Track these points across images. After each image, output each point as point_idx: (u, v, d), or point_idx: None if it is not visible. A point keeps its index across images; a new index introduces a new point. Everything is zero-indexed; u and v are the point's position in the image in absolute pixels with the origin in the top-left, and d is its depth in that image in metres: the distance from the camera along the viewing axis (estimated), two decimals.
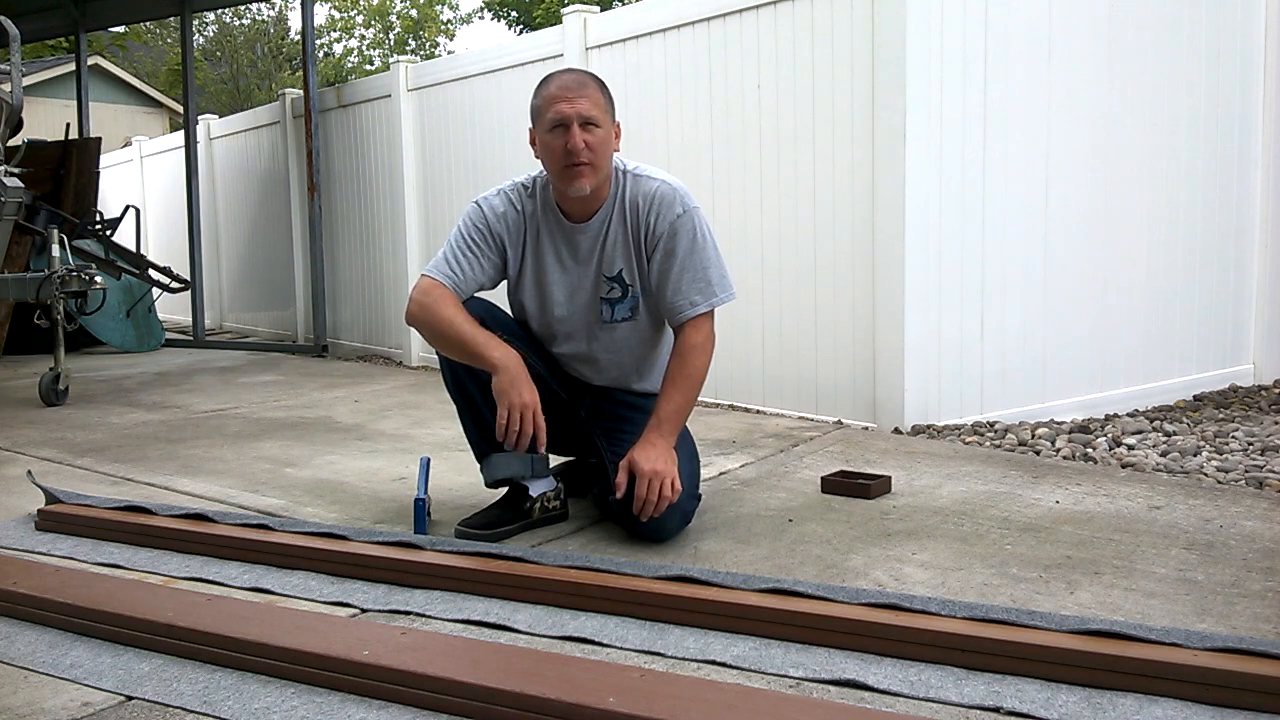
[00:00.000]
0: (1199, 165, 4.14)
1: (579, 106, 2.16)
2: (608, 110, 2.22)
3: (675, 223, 2.26)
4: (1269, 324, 4.39)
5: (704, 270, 2.27)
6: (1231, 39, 4.19)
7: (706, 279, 2.27)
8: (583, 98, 2.17)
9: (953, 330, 3.55)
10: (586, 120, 2.16)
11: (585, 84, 2.20)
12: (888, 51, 3.44)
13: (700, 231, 2.27)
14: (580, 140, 2.15)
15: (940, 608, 1.71)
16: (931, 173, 3.46)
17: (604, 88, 2.24)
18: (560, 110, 2.17)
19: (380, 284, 6.25)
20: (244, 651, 1.64)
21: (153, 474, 3.11)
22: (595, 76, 2.26)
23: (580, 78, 2.23)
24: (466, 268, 2.30)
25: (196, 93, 9.23)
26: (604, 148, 2.20)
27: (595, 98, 2.19)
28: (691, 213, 2.27)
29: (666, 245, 2.26)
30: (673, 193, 2.28)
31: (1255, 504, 2.50)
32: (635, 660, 1.66)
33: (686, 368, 2.25)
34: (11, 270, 5.19)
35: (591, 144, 2.17)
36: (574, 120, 2.16)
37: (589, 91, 2.19)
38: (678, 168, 4.23)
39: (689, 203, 2.28)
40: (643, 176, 2.30)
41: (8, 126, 4.66)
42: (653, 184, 2.28)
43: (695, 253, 2.26)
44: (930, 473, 2.87)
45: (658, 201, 2.27)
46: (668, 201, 2.27)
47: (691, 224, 2.26)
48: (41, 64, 15.45)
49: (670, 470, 2.14)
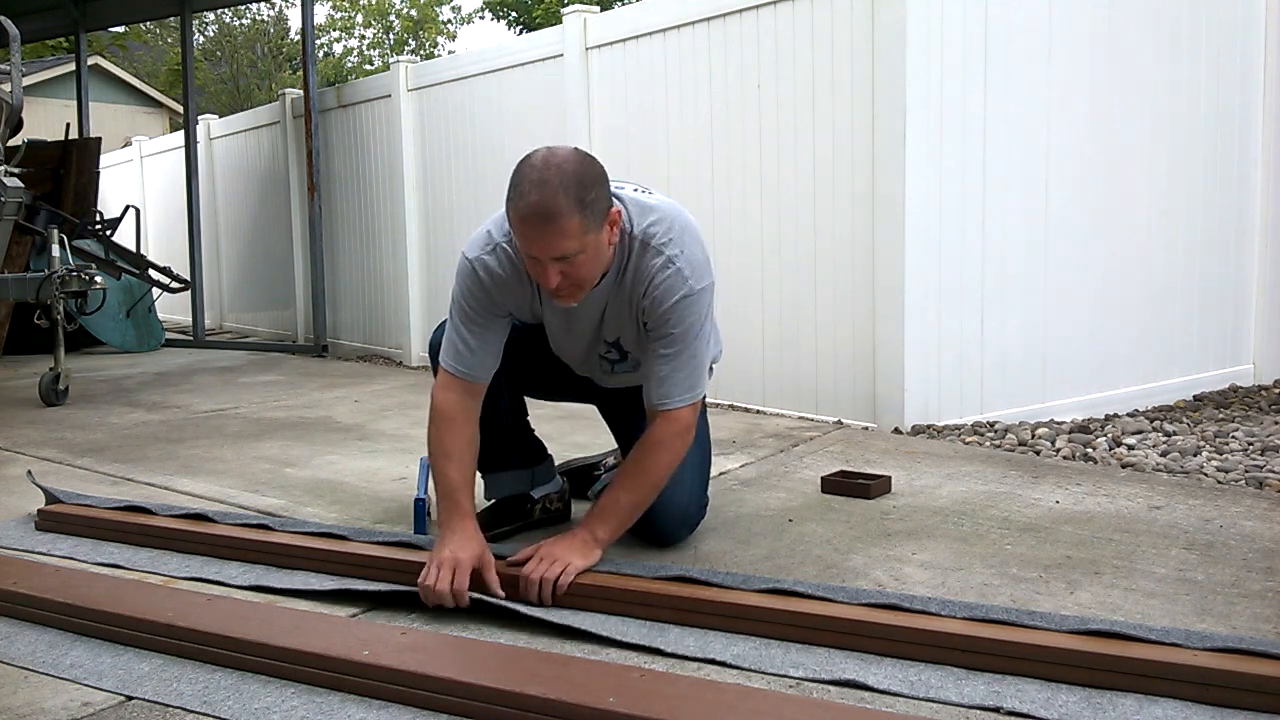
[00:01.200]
0: (1199, 165, 4.14)
1: (549, 248, 1.82)
2: (588, 226, 1.83)
3: (669, 311, 1.99)
4: (1269, 324, 4.39)
5: (692, 363, 2.03)
6: (1231, 38, 4.20)
7: (693, 374, 2.03)
8: (551, 236, 1.80)
9: (953, 330, 3.55)
10: (561, 257, 1.83)
11: (554, 215, 1.78)
12: (888, 51, 3.44)
13: (697, 323, 2.01)
14: (555, 279, 1.86)
15: (940, 608, 1.71)
16: (931, 172, 3.46)
17: (580, 200, 1.80)
18: (529, 250, 1.86)
19: (380, 284, 6.25)
20: (244, 651, 1.64)
21: (153, 474, 3.10)
22: (568, 186, 1.80)
23: (548, 205, 1.78)
24: (480, 351, 2.06)
25: (196, 93, 9.23)
26: (590, 267, 1.89)
27: (567, 227, 1.80)
28: (691, 299, 1.99)
29: (658, 330, 2.02)
30: (675, 279, 1.98)
31: (1255, 504, 2.50)
32: (635, 660, 1.66)
33: (646, 465, 2.02)
34: (11, 270, 5.19)
35: (571, 274, 1.87)
36: (546, 261, 1.84)
37: (559, 223, 1.79)
38: (677, 168, 4.25)
39: (692, 286, 1.99)
40: (651, 247, 1.98)
41: (8, 126, 4.65)
42: (657, 262, 1.98)
43: (688, 347, 2.01)
44: (930, 473, 2.87)
45: (656, 288, 1.99)
46: (668, 290, 1.98)
47: (686, 313, 1.99)
48: (41, 64, 15.45)
49: (571, 562, 1.90)
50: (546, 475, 2.42)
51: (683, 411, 2.02)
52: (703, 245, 2.04)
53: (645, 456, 2.03)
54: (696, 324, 2.01)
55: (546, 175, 1.80)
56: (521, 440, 2.40)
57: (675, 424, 2.02)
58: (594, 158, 1.90)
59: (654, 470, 2.02)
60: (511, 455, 2.34)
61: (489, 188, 5.35)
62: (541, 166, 1.82)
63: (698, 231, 2.06)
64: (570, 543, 1.95)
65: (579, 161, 1.84)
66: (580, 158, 1.85)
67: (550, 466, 2.45)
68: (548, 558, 1.91)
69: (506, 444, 2.32)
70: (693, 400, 2.04)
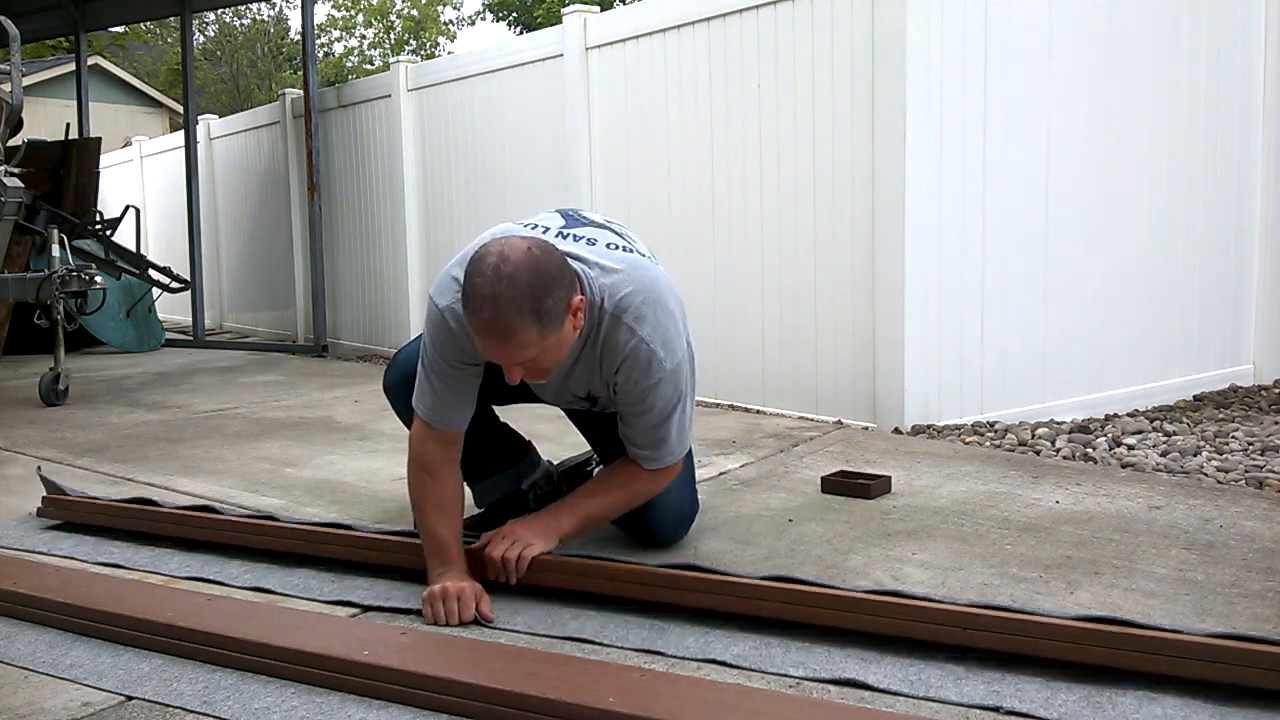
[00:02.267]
0: (1198, 164, 4.14)
1: (507, 358, 1.79)
2: (546, 333, 1.76)
3: (645, 392, 1.95)
4: (1269, 324, 4.39)
5: (676, 430, 2.02)
6: (1231, 38, 4.20)
7: (677, 439, 2.03)
8: (507, 349, 1.76)
9: (953, 330, 3.55)
10: (520, 361, 1.79)
11: (508, 332, 1.73)
12: (888, 51, 3.44)
13: (670, 400, 1.97)
14: (517, 376, 1.83)
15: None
16: (931, 172, 3.46)
17: (535, 312, 1.72)
18: (487, 357, 1.83)
19: (380, 284, 6.25)
20: (244, 651, 1.65)
21: (153, 474, 3.11)
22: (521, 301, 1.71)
23: (502, 323, 1.72)
24: (454, 402, 2.00)
25: (196, 93, 9.23)
26: (549, 358, 1.84)
27: (524, 340, 1.74)
28: (665, 381, 1.94)
29: (633, 406, 1.99)
30: (648, 360, 1.91)
31: (1255, 504, 2.50)
32: (635, 660, 1.66)
33: (634, 483, 2.06)
34: (11, 270, 5.18)
35: (532, 367, 1.83)
36: (506, 365, 1.81)
37: (515, 339, 1.74)
38: (677, 168, 4.25)
39: (665, 368, 1.93)
40: (623, 323, 1.90)
41: (8, 126, 4.66)
42: (630, 340, 1.90)
43: (669, 420, 1.99)
44: (930, 473, 2.87)
45: (628, 366, 1.93)
46: (641, 369, 1.92)
47: (662, 393, 1.95)
48: (41, 64, 15.45)
49: (532, 543, 1.93)
50: (531, 466, 2.39)
51: (665, 471, 2.08)
52: (676, 314, 1.97)
53: (629, 480, 2.08)
54: (674, 399, 1.98)
55: (499, 289, 1.70)
56: (499, 442, 2.35)
57: (655, 474, 2.08)
58: (550, 250, 1.80)
59: (637, 488, 2.08)
60: (492, 460, 2.31)
61: (489, 188, 5.35)
62: (493, 278, 1.71)
63: (671, 298, 1.97)
64: (533, 524, 1.99)
65: (532, 267, 1.73)
66: (534, 261, 1.73)
67: (533, 456, 2.42)
68: (509, 536, 1.95)
69: (485, 449, 2.27)
70: (671, 461, 2.07)
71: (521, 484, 2.36)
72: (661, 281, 1.98)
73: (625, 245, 2.02)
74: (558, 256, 1.81)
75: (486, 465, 2.31)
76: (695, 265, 4.14)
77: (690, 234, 4.18)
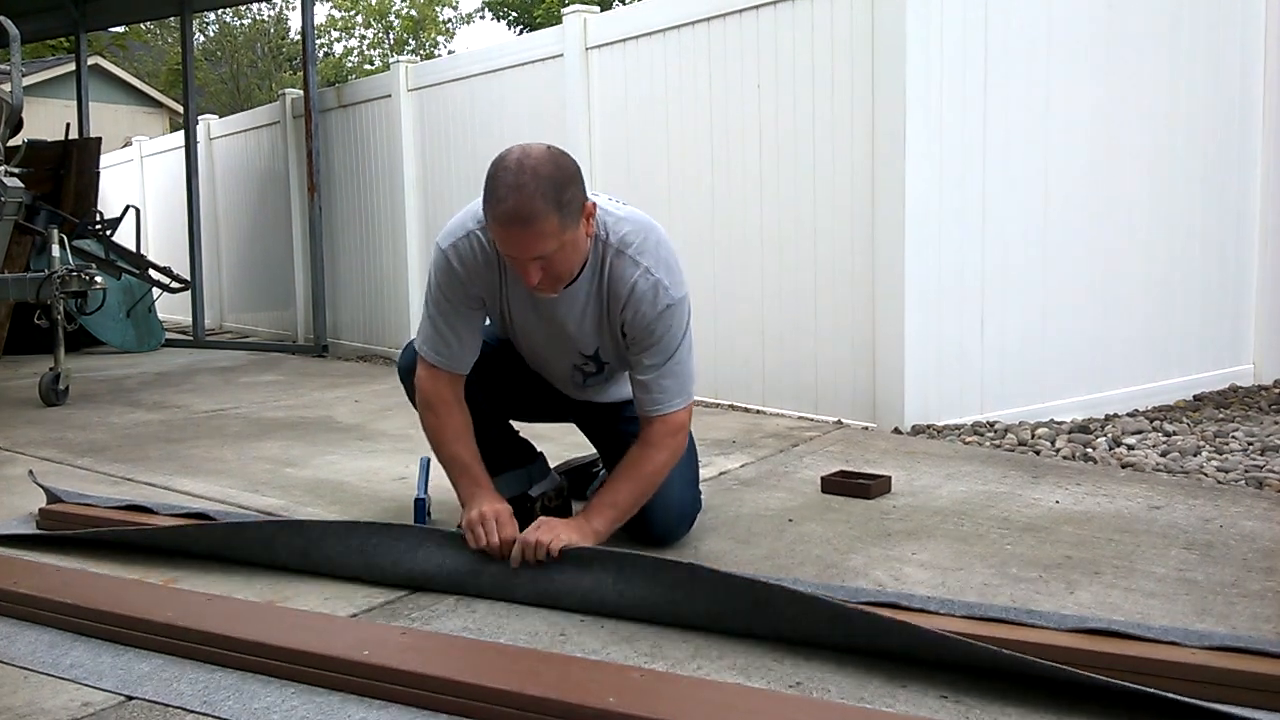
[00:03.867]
0: (1198, 164, 4.14)
1: (529, 249, 1.86)
2: (566, 225, 1.86)
3: (653, 322, 2.02)
4: (1269, 324, 4.39)
5: (680, 370, 2.06)
6: (1231, 38, 4.20)
7: (682, 379, 2.07)
8: (530, 238, 1.84)
9: (953, 330, 3.55)
10: (538, 256, 1.87)
11: (532, 218, 1.81)
12: (887, 51, 3.44)
13: (676, 332, 2.04)
14: (535, 276, 1.90)
15: (940, 607, 1.71)
16: (931, 172, 3.46)
17: (557, 201, 1.83)
18: (508, 252, 1.91)
19: (380, 284, 6.25)
20: (244, 651, 1.64)
21: (153, 474, 3.11)
22: (545, 189, 1.82)
23: (526, 209, 1.81)
24: (455, 343, 2.11)
25: (196, 93, 9.23)
26: (568, 261, 1.94)
27: (546, 228, 1.83)
28: (673, 308, 2.02)
29: (642, 342, 2.05)
30: (654, 289, 2.00)
31: (1255, 504, 2.50)
32: (635, 660, 1.66)
33: (642, 463, 2.07)
34: (11, 270, 5.18)
35: (549, 269, 1.91)
36: (525, 260, 1.89)
37: (537, 225, 1.82)
38: (677, 167, 4.25)
39: (672, 295, 2.02)
40: (626, 256, 2.01)
41: (8, 126, 4.66)
42: (634, 271, 2.00)
43: (674, 354, 2.05)
44: (930, 473, 2.87)
45: (636, 299, 2.01)
46: (648, 300, 2.01)
47: (669, 322, 2.03)
48: (41, 64, 15.45)
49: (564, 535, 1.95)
50: (542, 473, 2.42)
51: (677, 415, 2.08)
52: (676, 257, 2.07)
53: (640, 455, 2.08)
54: (679, 331, 2.05)
55: (522, 179, 1.82)
56: (509, 442, 2.40)
57: (669, 425, 2.08)
58: (567, 154, 1.91)
59: (649, 468, 2.07)
60: (504, 457, 2.33)
61: None
62: (516, 170, 1.83)
63: (670, 243, 2.08)
64: (568, 522, 2.02)
65: (553, 161, 1.85)
66: (554, 156, 1.86)
67: (544, 464, 2.45)
68: (545, 526, 1.98)
69: (496, 448, 2.30)
70: (684, 404, 2.09)
71: (531, 488, 2.36)
72: (660, 230, 2.09)
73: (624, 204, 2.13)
74: (574, 163, 1.91)
75: (498, 462, 2.30)
76: (695, 265, 4.14)
77: (690, 233, 4.18)
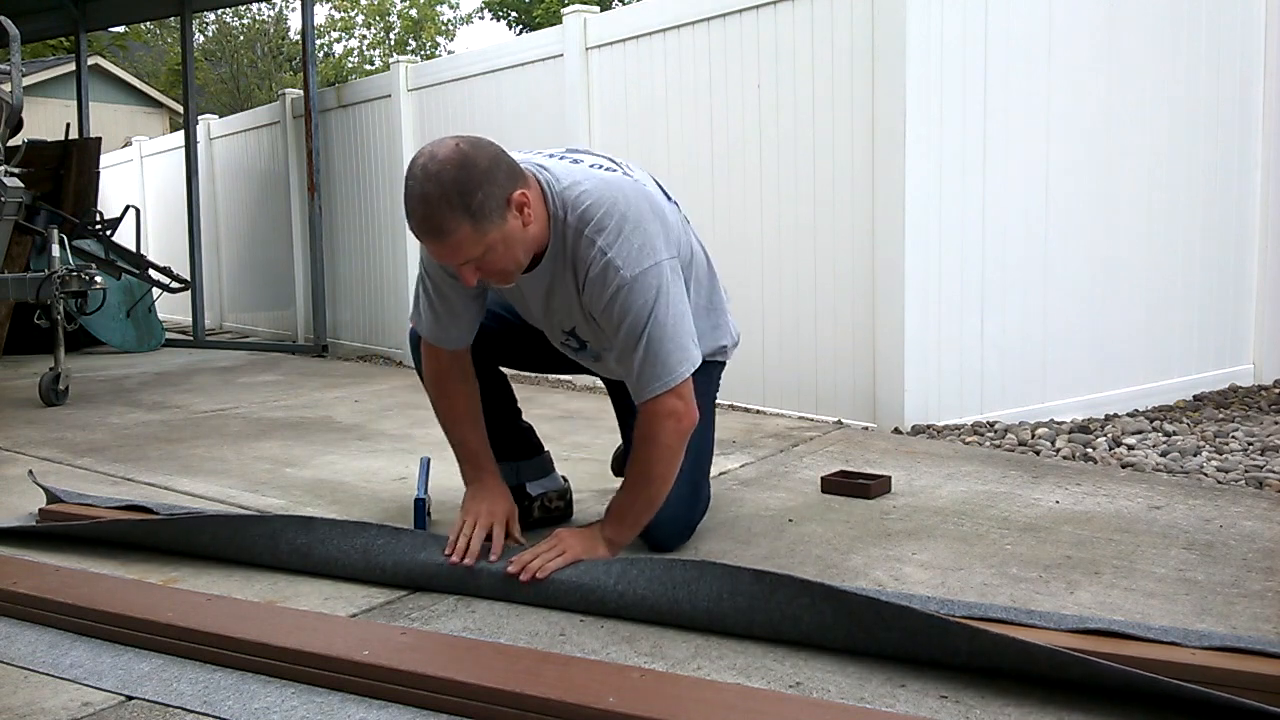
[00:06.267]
0: (1198, 165, 4.14)
1: (451, 258, 1.79)
2: (484, 229, 1.75)
3: (608, 305, 1.88)
4: (1269, 324, 4.39)
5: (656, 350, 1.88)
6: (1231, 39, 4.20)
7: (660, 361, 1.88)
8: (447, 249, 1.77)
9: (953, 330, 3.55)
10: (465, 261, 1.79)
11: (442, 231, 1.73)
12: (888, 52, 3.44)
13: (640, 311, 1.87)
14: (472, 278, 1.82)
15: (940, 607, 1.71)
16: (931, 173, 3.46)
17: (466, 208, 1.71)
18: (436, 260, 1.86)
19: (380, 284, 6.25)
20: (244, 651, 1.64)
21: (153, 474, 3.10)
22: (450, 197, 1.71)
23: (433, 223, 1.72)
24: (447, 318, 2.05)
25: (196, 93, 9.23)
26: (505, 258, 1.82)
27: (460, 238, 1.74)
28: (626, 289, 1.85)
29: (607, 327, 1.93)
30: (603, 271, 1.85)
31: (1255, 504, 2.50)
32: (635, 660, 1.66)
33: (647, 462, 1.94)
34: (11, 270, 5.18)
35: (485, 269, 1.83)
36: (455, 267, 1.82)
37: (450, 238, 1.74)
38: (677, 168, 4.25)
39: (623, 276, 1.85)
40: (584, 236, 1.87)
41: (8, 126, 4.65)
42: (589, 253, 1.87)
43: (643, 336, 1.87)
44: (930, 473, 2.87)
45: (589, 282, 1.89)
46: (598, 284, 1.87)
47: (628, 303, 1.87)
48: (41, 64, 15.45)
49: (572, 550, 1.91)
50: (538, 470, 2.37)
51: (663, 399, 1.90)
52: (645, 222, 1.89)
53: (639, 452, 1.97)
54: (644, 312, 1.86)
55: (426, 189, 1.71)
56: (505, 432, 2.32)
57: (658, 413, 1.91)
58: (481, 145, 1.77)
59: (653, 468, 1.95)
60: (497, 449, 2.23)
61: None
62: (421, 178, 1.72)
63: (646, 210, 1.91)
64: (579, 534, 1.97)
65: (459, 163, 1.72)
66: (461, 156, 1.73)
67: (544, 462, 2.40)
68: (554, 539, 1.95)
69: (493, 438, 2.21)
70: (668, 386, 1.89)
71: (527, 485, 2.34)
72: (631, 194, 1.91)
73: (611, 168, 2.00)
74: (491, 150, 1.78)
75: None
76: None
77: None
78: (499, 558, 1.94)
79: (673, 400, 1.91)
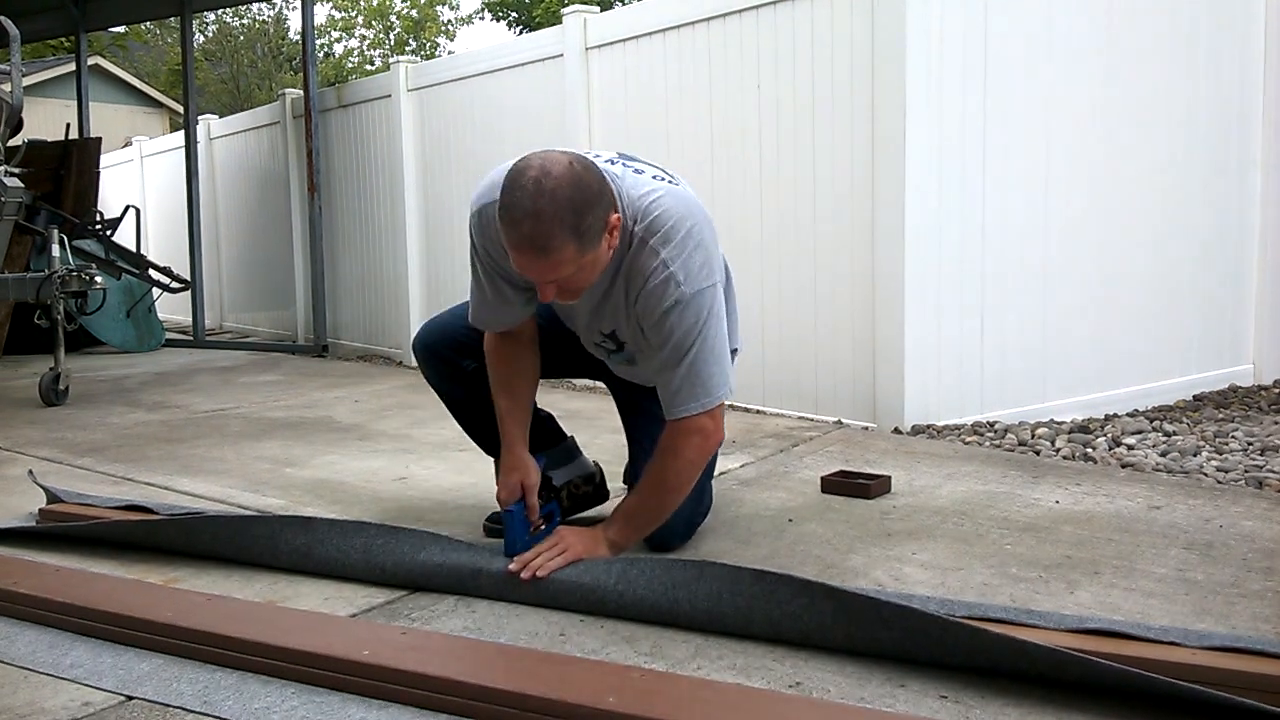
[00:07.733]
0: (1198, 165, 4.14)
1: (544, 275, 1.77)
2: (585, 250, 1.75)
3: (661, 318, 1.89)
4: (1269, 324, 4.39)
5: (699, 370, 1.90)
6: (1231, 39, 4.20)
7: (701, 381, 1.91)
8: (546, 266, 1.74)
9: (953, 330, 3.55)
10: (555, 279, 1.78)
11: (549, 249, 1.71)
12: (888, 52, 3.44)
13: (690, 329, 1.88)
14: (550, 293, 1.81)
15: (940, 607, 1.71)
16: (931, 173, 3.46)
17: (576, 229, 1.71)
18: (523, 273, 1.81)
19: (380, 284, 6.25)
20: (244, 651, 1.64)
21: (153, 474, 3.10)
22: (563, 216, 1.70)
23: (542, 239, 1.70)
24: (501, 307, 2.05)
25: (196, 93, 9.22)
26: (587, 279, 1.83)
27: (563, 257, 1.73)
28: (683, 305, 1.87)
29: (654, 338, 1.94)
30: (664, 283, 1.86)
31: (1255, 504, 2.50)
32: (635, 660, 1.66)
33: (665, 472, 1.96)
34: (11, 270, 5.18)
35: (565, 286, 1.81)
36: (540, 282, 1.81)
37: (554, 256, 1.72)
38: (677, 167, 4.23)
39: (684, 291, 1.87)
40: (648, 246, 1.88)
41: (8, 126, 4.66)
42: (652, 263, 1.87)
43: (688, 355, 1.89)
44: (930, 473, 2.87)
45: (647, 291, 1.89)
46: (656, 294, 1.88)
47: (680, 319, 1.88)
48: (41, 64, 15.45)
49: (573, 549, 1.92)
50: (564, 458, 2.35)
51: (696, 419, 1.93)
52: (707, 244, 1.93)
53: (658, 463, 1.98)
54: (694, 330, 1.89)
55: (540, 205, 1.69)
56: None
57: (688, 430, 1.94)
58: (591, 167, 1.79)
59: (674, 478, 1.97)
60: None
61: None
62: (534, 192, 1.69)
63: (706, 229, 1.94)
64: (581, 534, 1.97)
65: (574, 182, 1.72)
66: (575, 176, 1.73)
67: (569, 449, 2.38)
68: (555, 538, 1.95)
69: None
70: (705, 408, 1.92)
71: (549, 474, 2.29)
72: (698, 212, 1.94)
73: (673, 181, 2.02)
74: (598, 173, 1.80)
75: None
76: None
77: None
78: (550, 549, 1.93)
79: (705, 420, 1.94)
